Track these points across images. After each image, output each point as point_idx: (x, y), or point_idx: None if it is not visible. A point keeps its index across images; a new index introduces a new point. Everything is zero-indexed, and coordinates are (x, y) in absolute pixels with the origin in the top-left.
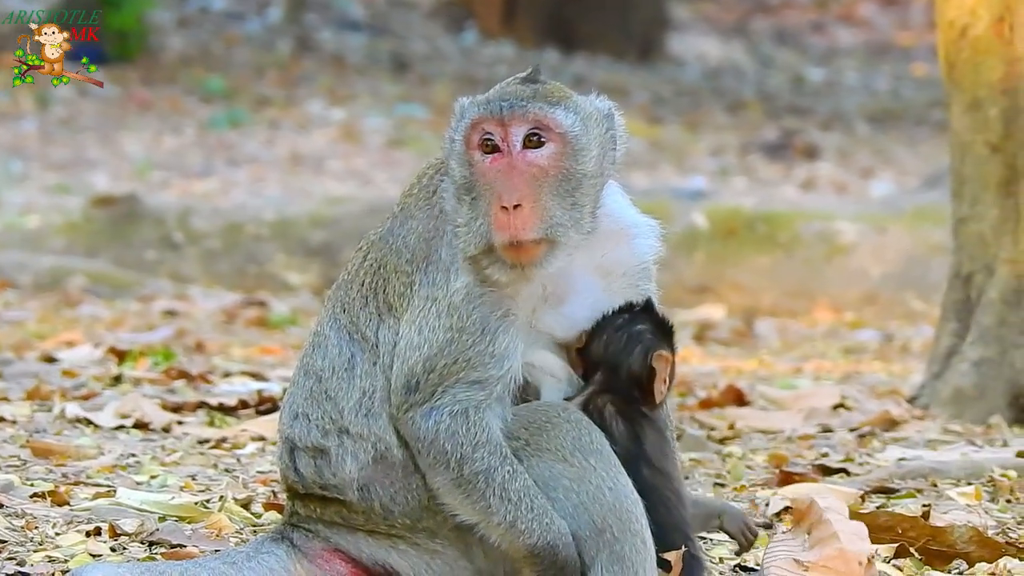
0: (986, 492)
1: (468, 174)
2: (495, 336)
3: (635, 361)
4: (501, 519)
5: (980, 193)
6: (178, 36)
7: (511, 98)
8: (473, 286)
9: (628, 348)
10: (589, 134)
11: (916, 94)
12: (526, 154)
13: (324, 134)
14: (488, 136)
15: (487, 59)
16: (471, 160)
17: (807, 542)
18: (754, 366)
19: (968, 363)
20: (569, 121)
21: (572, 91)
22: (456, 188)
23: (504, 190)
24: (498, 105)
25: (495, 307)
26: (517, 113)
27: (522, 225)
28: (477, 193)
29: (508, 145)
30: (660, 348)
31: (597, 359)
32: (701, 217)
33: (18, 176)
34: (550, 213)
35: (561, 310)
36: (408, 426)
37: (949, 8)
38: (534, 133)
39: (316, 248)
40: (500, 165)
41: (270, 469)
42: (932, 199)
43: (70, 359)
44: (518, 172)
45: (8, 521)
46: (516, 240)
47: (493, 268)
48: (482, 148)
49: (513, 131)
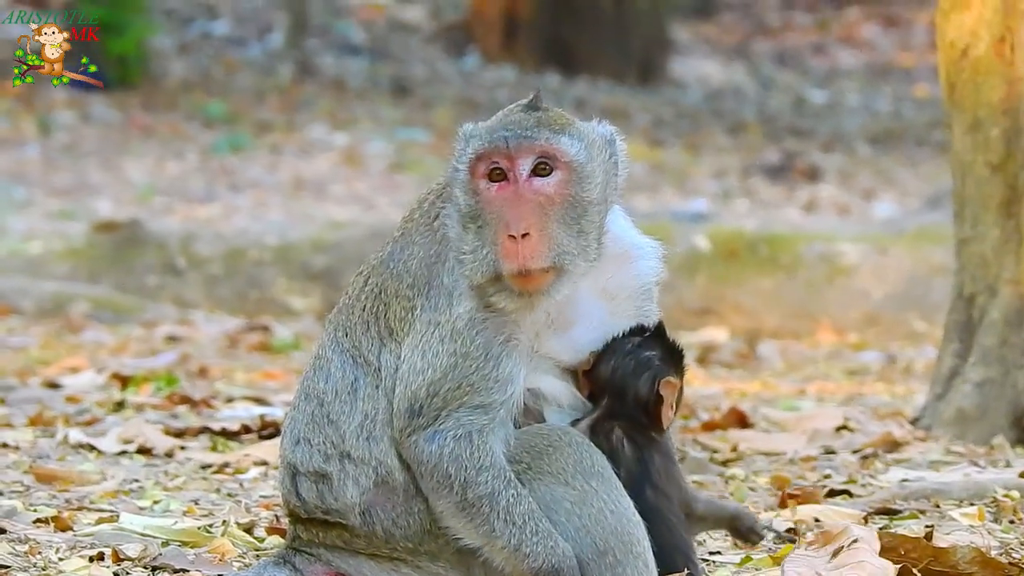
0: (989, 513)
1: (473, 202)
2: (498, 361)
3: (642, 387)
4: (505, 543)
5: (981, 214)
6: (179, 61)
7: (516, 128)
8: (476, 311)
9: (636, 373)
10: (593, 161)
11: (917, 115)
12: (532, 182)
13: (326, 159)
14: (495, 165)
15: (488, 83)
16: (476, 189)
17: (830, 561)
18: (757, 388)
19: (971, 384)
20: (575, 149)
21: (574, 117)
22: (460, 216)
23: (512, 219)
24: (502, 136)
25: (498, 332)
26: (524, 144)
27: (530, 254)
28: (483, 221)
29: (515, 174)
30: (668, 375)
31: (604, 382)
32: (703, 239)
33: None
34: (557, 241)
35: (566, 335)
36: (412, 450)
37: (950, 29)
38: (541, 162)
39: (318, 273)
40: (507, 194)
41: (273, 494)
42: (934, 220)
43: (73, 385)
44: (525, 201)
45: (11, 547)
46: (525, 269)
47: (499, 296)
48: (488, 177)
49: (520, 161)
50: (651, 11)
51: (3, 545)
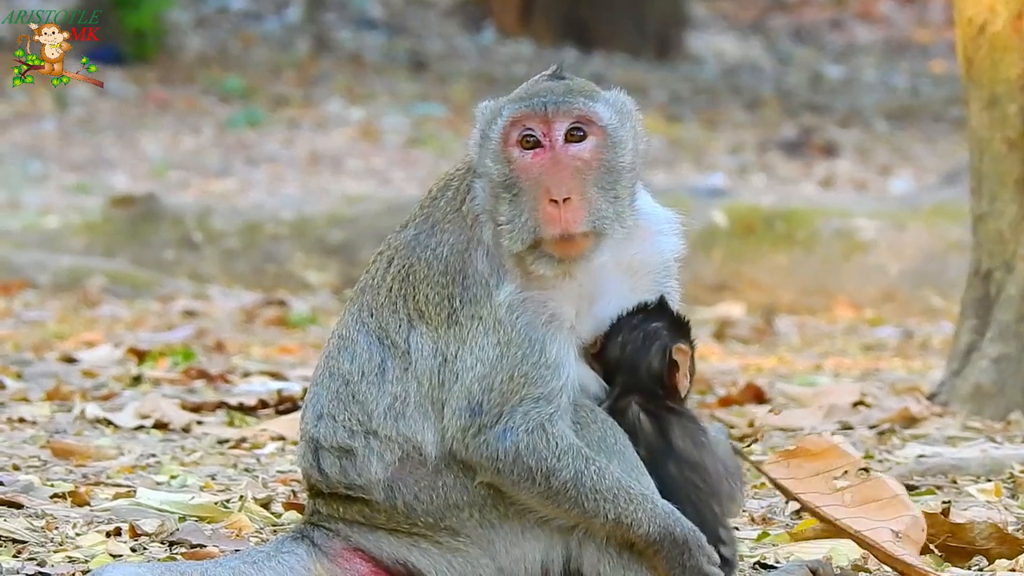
0: (1006, 489)
1: (508, 171)
2: (544, 345)
3: (654, 357)
4: (603, 518)
5: (998, 190)
6: (196, 36)
7: (551, 94)
8: (514, 294)
9: (646, 346)
10: (624, 127)
11: (934, 91)
12: (569, 148)
13: (342, 133)
14: (529, 132)
15: (505, 58)
16: (510, 157)
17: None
18: (774, 363)
19: (987, 360)
20: (608, 114)
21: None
22: (493, 187)
23: (552, 184)
24: (540, 101)
25: (538, 312)
26: (562, 109)
27: (572, 218)
28: (519, 189)
29: (551, 140)
30: (678, 342)
31: (615, 361)
32: (720, 215)
33: (37, 176)
34: (596, 205)
35: (591, 310)
36: (484, 449)
37: (967, 5)
38: (576, 127)
39: (335, 247)
40: (543, 160)
41: (290, 469)
42: (951, 196)
43: (90, 359)
44: (563, 166)
45: (28, 522)
46: (568, 233)
47: (539, 263)
48: (522, 144)
49: (556, 126)
50: None
51: (20, 520)
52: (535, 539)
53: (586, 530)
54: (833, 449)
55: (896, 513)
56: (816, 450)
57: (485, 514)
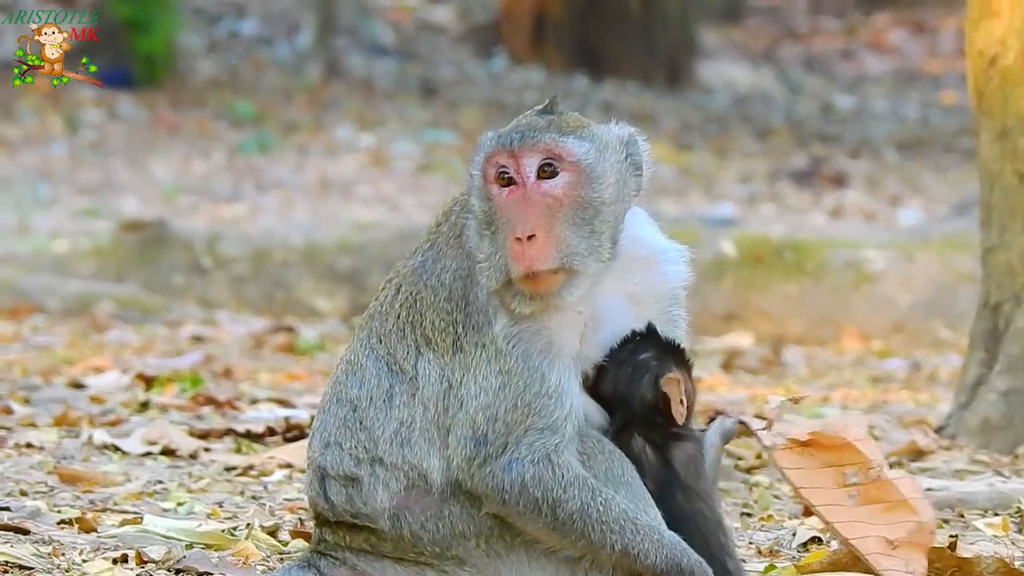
0: (1013, 523)
1: (488, 208)
2: (544, 374)
3: (645, 390)
4: (610, 549)
5: (1009, 222)
6: (207, 60)
7: (523, 130)
8: (509, 325)
9: (636, 379)
10: (605, 162)
11: (945, 122)
12: (540, 185)
13: (353, 159)
14: (503, 169)
15: (516, 84)
16: (489, 194)
17: (857, 493)
18: (782, 394)
19: (996, 393)
20: (582, 150)
21: (589, 120)
22: (477, 223)
23: (518, 221)
24: (508, 137)
25: (533, 341)
26: (527, 144)
27: (536, 255)
28: (496, 227)
29: (522, 177)
30: (667, 371)
31: (609, 395)
32: (729, 244)
33: (47, 200)
34: (566, 242)
35: (597, 339)
36: (489, 480)
37: (979, 37)
38: (547, 163)
39: (344, 274)
40: (516, 197)
41: (297, 496)
42: (961, 227)
43: (98, 385)
44: (532, 203)
45: (35, 548)
46: (531, 271)
47: (515, 301)
48: (499, 181)
49: (525, 162)
50: (679, 15)
51: (27, 546)
52: (541, 569)
53: (593, 561)
54: (848, 445)
55: (900, 518)
56: (831, 444)
57: (492, 544)
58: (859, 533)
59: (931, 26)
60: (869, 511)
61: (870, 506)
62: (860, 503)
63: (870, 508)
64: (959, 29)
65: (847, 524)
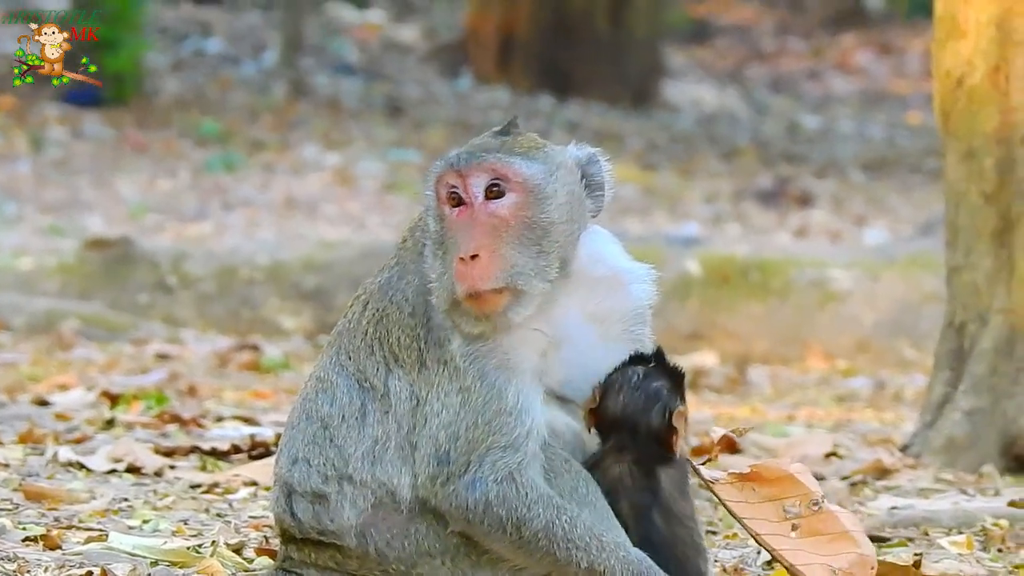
0: (978, 541)
1: (440, 228)
2: (501, 391)
3: (655, 420)
4: (576, 567)
5: (974, 242)
6: (173, 79)
7: (473, 150)
8: (464, 344)
9: (647, 408)
10: (556, 182)
11: (911, 142)
12: (487, 205)
13: (318, 178)
14: (453, 189)
15: (482, 104)
16: (441, 214)
17: (799, 526)
18: (747, 413)
19: (960, 412)
20: (530, 171)
21: (546, 141)
22: (432, 244)
23: (463, 241)
24: (456, 158)
25: (488, 360)
26: (473, 164)
27: (479, 275)
28: (446, 247)
29: (469, 197)
30: (678, 405)
31: (614, 418)
32: (694, 264)
33: (12, 218)
34: (511, 262)
35: (559, 357)
36: (452, 499)
37: (945, 58)
38: (494, 184)
39: (309, 292)
40: (464, 217)
41: (262, 514)
42: (926, 247)
43: (63, 402)
44: (478, 223)
45: (0, 565)
46: (475, 290)
47: (463, 321)
48: (449, 201)
49: (472, 182)
50: (647, 35)
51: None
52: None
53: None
54: (789, 478)
55: (842, 549)
56: (771, 476)
57: (457, 563)
58: (804, 560)
59: (897, 47)
60: (812, 543)
61: (813, 538)
62: (803, 535)
63: (813, 540)
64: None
65: (792, 552)
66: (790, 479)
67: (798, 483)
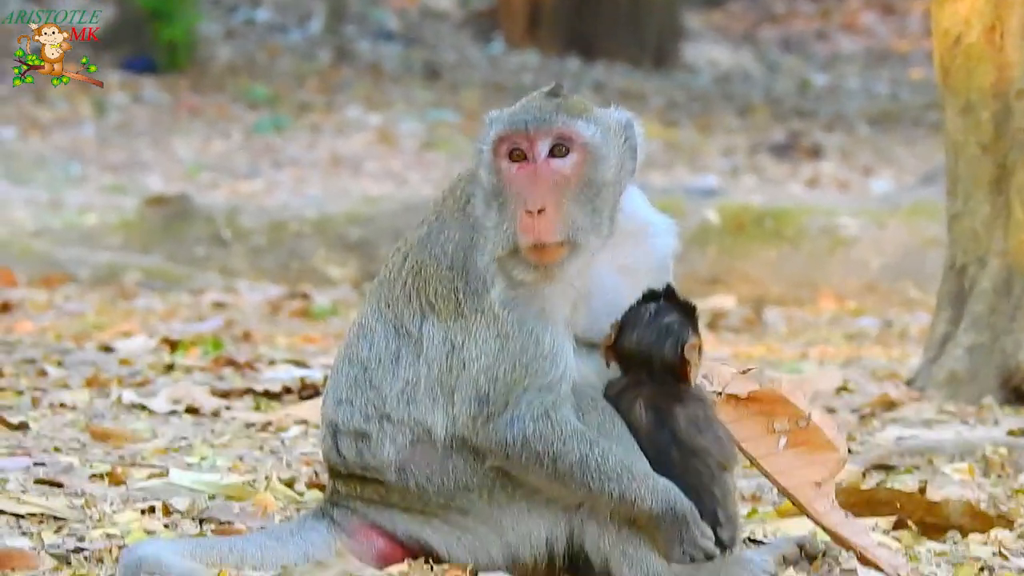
0: (979, 468)
1: (496, 180)
2: (539, 336)
3: (668, 353)
4: (608, 496)
5: (972, 190)
6: (225, 47)
7: (537, 112)
8: (506, 291)
9: (660, 341)
10: (608, 144)
11: (913, 97)
12: (550, 162)
13: (362, 138)
14: (515, 146)
15: (513, 67)
16: (499, 168)
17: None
18: (762, 351)
19: (962, 348)
20: (590, 132)
21: (592, 103)
22: (485, 194)
23: (529, 196)
24: (523, 120)
25: (528, 307)
26: (543, 127)
27: (545, 228)
28: (504, 199)
29: (534, 155)
30: (691, 337)
31: (629, 353)
32: (713, 213)
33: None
34: (572, 218)
35: (588, 306)
36: (492, 436)
37: (944, 18)
38: (558, 144)
39: (354, 244)
40: (526, 172)
41: (312, 451)
42: (928, 196)
43: (126, 349)
44: (542, 179)
45: (69, 500)
46: (540, 242)
47: (518, 269)
48: (509, 157)
49: (539, 143)
50: (665, 1)
51: (61, 499)
52: (540, 517)
53: (590, 508)
54: (780, 399)
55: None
56: (766, 399)
57: (494, 495)
58: (793, 481)
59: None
60: (796, 453)
61: (796, 448)
62: (789, 447)
63: (796, 451)
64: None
65: (783, 473)
66: (781, 400)
67: (790, 405)
